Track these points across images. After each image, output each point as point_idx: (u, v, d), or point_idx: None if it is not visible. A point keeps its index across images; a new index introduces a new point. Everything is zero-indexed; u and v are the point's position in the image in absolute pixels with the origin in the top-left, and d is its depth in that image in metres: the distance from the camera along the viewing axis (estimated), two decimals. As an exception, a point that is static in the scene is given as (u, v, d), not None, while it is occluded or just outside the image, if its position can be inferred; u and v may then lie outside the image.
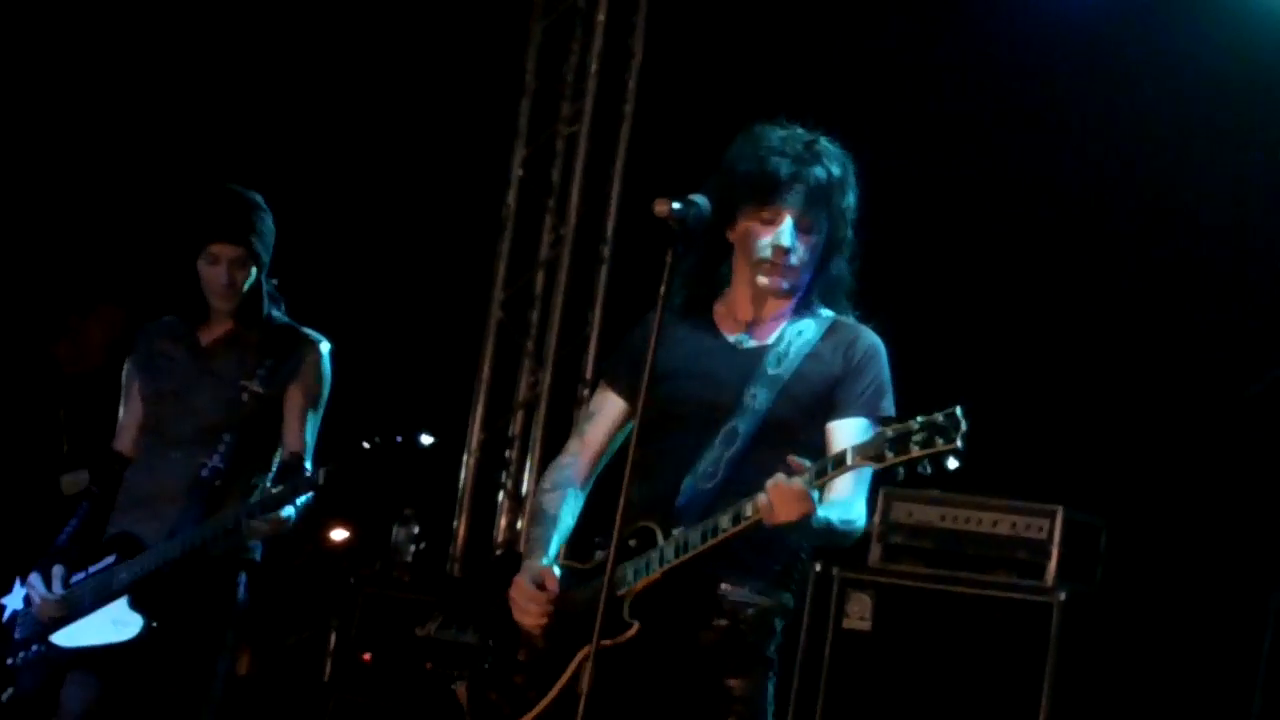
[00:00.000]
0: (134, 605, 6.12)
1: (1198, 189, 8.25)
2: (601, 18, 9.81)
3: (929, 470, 4.54)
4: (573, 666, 4.85)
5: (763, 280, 5.00)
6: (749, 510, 4.69)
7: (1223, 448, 7.94)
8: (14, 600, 6.39)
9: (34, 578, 6.28)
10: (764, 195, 4.95)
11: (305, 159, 9.39)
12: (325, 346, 6.38)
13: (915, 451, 4.51)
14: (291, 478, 6.08)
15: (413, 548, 9.05)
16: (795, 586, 5.05)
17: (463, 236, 9.65)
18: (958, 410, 4.51)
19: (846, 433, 4.91)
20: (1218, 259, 8.25)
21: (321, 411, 6.37)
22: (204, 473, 6.20)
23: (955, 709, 7.54)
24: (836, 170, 5.00)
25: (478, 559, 9.54)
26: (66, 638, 6.23)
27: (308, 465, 6.22)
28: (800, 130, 5.04)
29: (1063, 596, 7.55)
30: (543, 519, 5.10)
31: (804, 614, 7.77)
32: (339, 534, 9.74)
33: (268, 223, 6.31)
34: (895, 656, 7.70)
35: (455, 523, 9.76)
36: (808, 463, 4.65)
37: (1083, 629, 7.62)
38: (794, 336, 5.01)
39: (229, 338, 6.33)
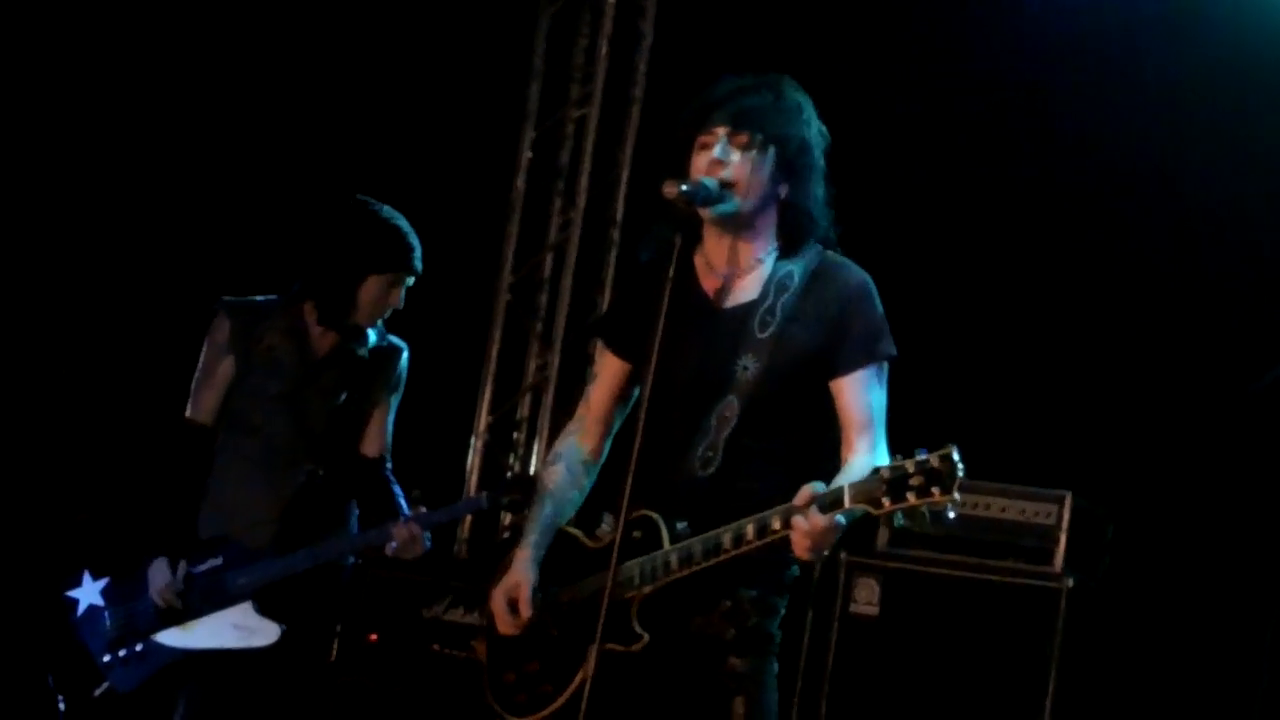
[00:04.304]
0: (263, 612, 6.12)
1: (1205, 185, 8.24)
2: (611, 0, 9.80)
3: (928, 517, 4.48)
4: (588, 664, 4.77)
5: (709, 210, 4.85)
6: (776, 524, 4.61)
7: (1231, 443, 7.94)
8: (87, 594, 6.27)
9: (160, 563, 6.16)
10: (700, 122, 4.85)
11: (314, 144, 9.39)
12: (407, 352, 6.48)
13: (911, 499, 4.43)
14: (460, 502, 6.83)
15: (420, 529, 9.03)
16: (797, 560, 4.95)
17: (471, 219, 9.63)
18: (954, 455, 4.41)
19: (853, 388, 4.81)
20: (1228, 254, 8.25)
21: None
22: (313, 480, 6.23)
23: (961, 694, 7.55)
24: (780, 96, 4.89)
25: (484, 541, 9.54)
26: (175, 638, 6.17)
27: (389, 462, 6.40)
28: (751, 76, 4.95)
29: (1070, 583, 7.55)
30: (539, 497, 5.06)
31: (810, 599, 7.77)
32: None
33: None
34: (902, 642, 7.71)
35: (462, 505, 9.75)
36: (818, 487, 4.57)
37: (1090, 616, 7.62)
38: (777, 289, 4.88)
39: (336, 349, 6.35)
